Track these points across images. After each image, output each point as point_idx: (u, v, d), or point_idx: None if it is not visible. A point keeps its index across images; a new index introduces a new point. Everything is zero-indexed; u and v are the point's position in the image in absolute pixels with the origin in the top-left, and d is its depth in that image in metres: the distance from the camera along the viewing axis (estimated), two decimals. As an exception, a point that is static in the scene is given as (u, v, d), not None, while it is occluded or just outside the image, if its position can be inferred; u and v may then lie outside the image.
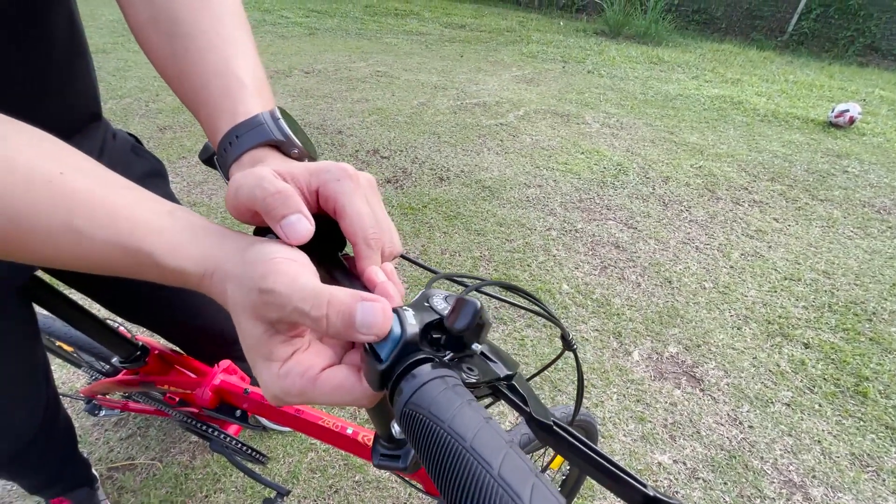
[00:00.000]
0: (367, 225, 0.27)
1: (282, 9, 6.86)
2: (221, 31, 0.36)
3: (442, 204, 2.31)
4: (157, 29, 0.36)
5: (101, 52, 4.03)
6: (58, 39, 0.45)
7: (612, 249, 2.03)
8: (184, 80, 0.36)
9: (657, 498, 0.19)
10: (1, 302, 0.53)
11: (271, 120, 0.33)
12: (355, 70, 4.31)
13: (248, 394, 0.62)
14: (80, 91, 0.51)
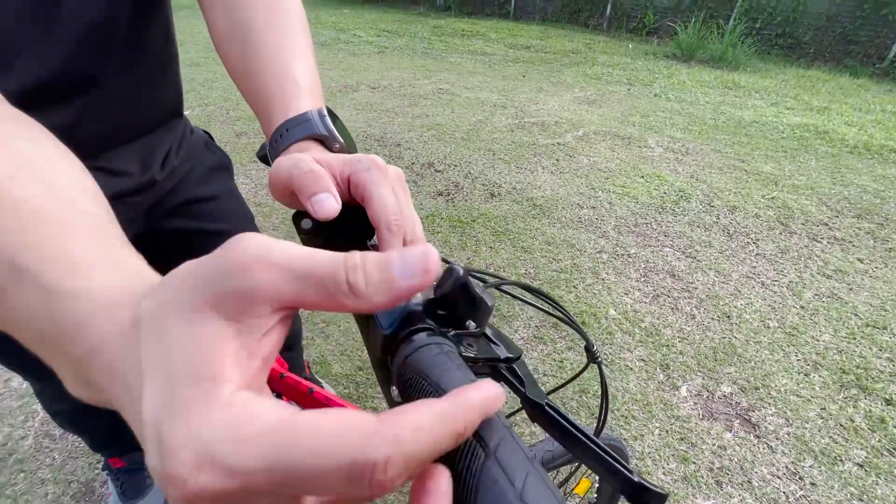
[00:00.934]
0: (391, 211, 0.29)
1: (355, 28, 7.29)
2: (285, 40, 0.41)
3: (491, 219, 2.31)
4: (232, 37, 0.41)
5: (194, 66, 4.48)
6: (154, 49, 0.52)
7: (666, 277, 1.93)
8: (249, 81, 0.40)
9: (642, 484, 0.19)
10: None
11: (318, 117, 0.36)
12: (418, 87, 4.47)
13: (283, 378, 0.65)
14: (167, 92, 0.58)
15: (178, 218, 0.63)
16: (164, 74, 0.56)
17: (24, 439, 1.17)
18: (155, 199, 0.60)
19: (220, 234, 0.68)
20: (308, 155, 0.31)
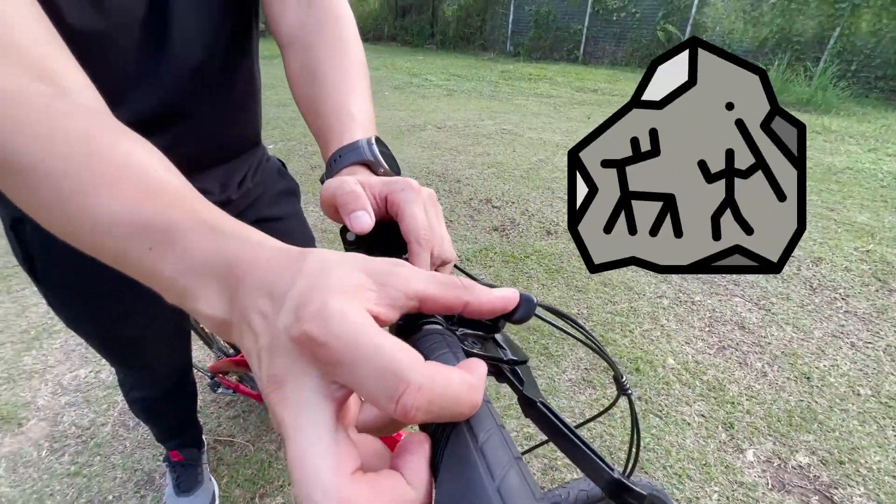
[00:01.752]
0: (420, 226, 0.32)
1: (427, 73, 7.76)
2: (345, 80, 0.47)
3: (545, 256, 2.29)
4: (303, 76, 0.48)
5: (281, 106, 4.99)
6: (238, 89, 0.61)
7: (734, 329, 1.78)
8: (314, 114, 0.47)
9: (620, 482, 0.19)
10: None
11: (367, 145, 0.41)
12: (482, 127, 4.63)
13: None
14: (248, 124, 0.67)
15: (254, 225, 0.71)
16: (245, 109, 0.65)
17: (104, 426, 1.31)
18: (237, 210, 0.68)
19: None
20: (353, 178, 0.35)
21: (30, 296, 1.85)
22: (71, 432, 1.28)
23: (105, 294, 0.62)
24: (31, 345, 1.59)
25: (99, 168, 0.24)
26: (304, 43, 0.47)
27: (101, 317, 0.66)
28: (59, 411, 1.35)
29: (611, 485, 0.20)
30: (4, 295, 1.85)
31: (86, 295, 0.62)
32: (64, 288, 0.62)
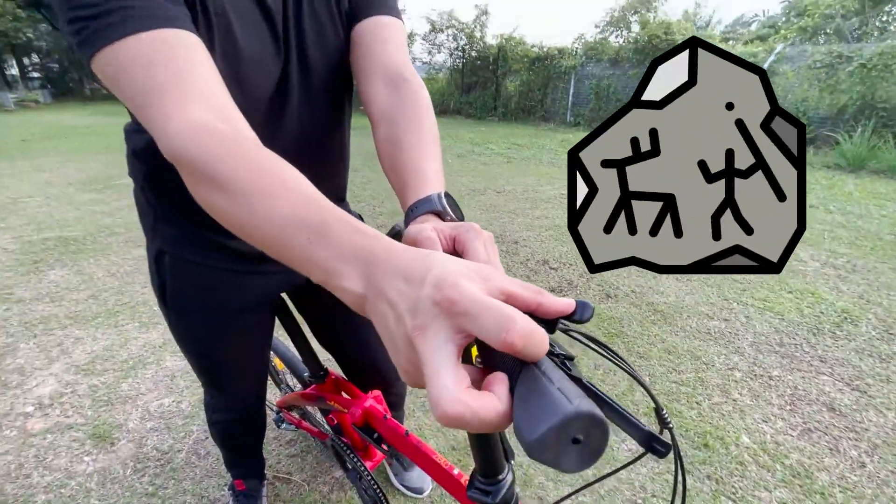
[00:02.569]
0: (481, 260, 0.40)
1: (488, 142, 8.20)
2: (422, 148, 0.57)
3: (605, 320, 2.24)
4: (389, 145, 0.59)
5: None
6: (332, 155, 0.75)
7: (822, 410, 1.60)
8: (396, 174, 0.57)
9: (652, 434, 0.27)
10: (262, 308, 0.82)
11: (437, 198, 0.50)
12: (541, 192, 4.75)
13: (386, 419, 0.75)
14: (339, 182, 0.81)
15: None
16: (337, 170, 0.79)
17: (180, 452, 1.42)
18: None
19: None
20: (429, 224, 0.44)
21: (131, 331, 2.11)
22: (152, 455, 1.41)
23: (214, 323, 0.75)
24: (128, 373, 1.80)
25: (275, 183, 0.35)
26: (390, 119, 0.58)
27: (207, 341, 0.78)
28: (145, 435, 1.49)
29: (644, 438, 0.27)
30: (112, 329, 2.13)
31: (199, 321, 0.75)
32: (184, 313, 0.75)
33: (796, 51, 8.57)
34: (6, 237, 3.35)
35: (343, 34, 0.63)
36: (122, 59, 0.40)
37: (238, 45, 0.54)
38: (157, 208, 0.70)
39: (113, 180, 5.18)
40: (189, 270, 0.72)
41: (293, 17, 0.58)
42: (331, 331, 0.92)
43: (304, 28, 0.59)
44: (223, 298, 0.75)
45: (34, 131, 9.81)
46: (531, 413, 0.23)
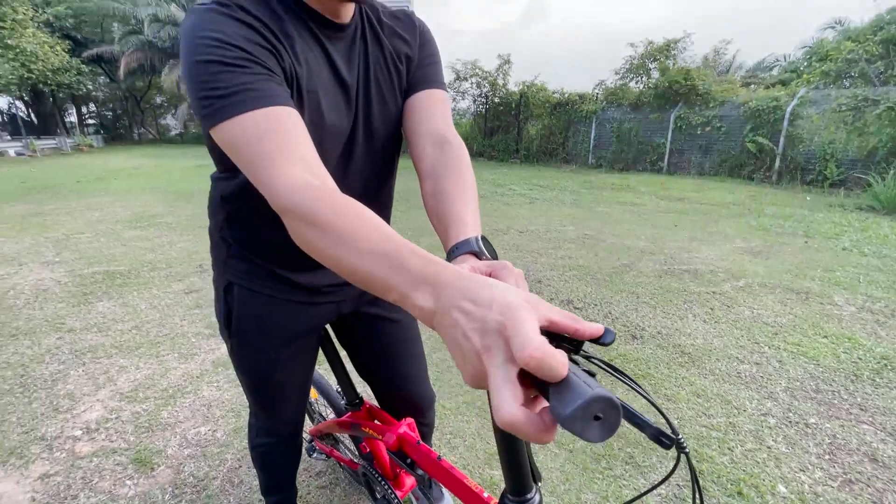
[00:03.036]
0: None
1: (511, 183, 8.38)
2: (463, 199, 0.66)
3: (630, 361, 2.23)
4: (434, 196, 0.68)
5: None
6: (384, 196, 0.85)
7: (863, 461, 1.53)
8: (440, 221, 0.66)
9: (660, 430, 0.33)
10: (311, 335, 0.90)
11: (475, 241, 0.58)
12: (564, 232, 4.80)
13: (419, 444, 0.80)
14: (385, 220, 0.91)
15: (373, 306, 0.92)
16: (386, 209, 0.89)
17: (215, 479, 1.47)
18: (359, 290, 0.88)
19: (394, 322, 0.94)
20: (467, 264, 0.51)
21: (171, 361, 2.22)
22: (189, 482, 1.46)
23: (271, 347, 0.84)
24: (168, 401, 1.89)
25: (360, 222, 0.44)
26: (435, 175, 0.68)
27: (264, 363, 0.86)
28: (182, 461, 1.55)
29: (653, 433, 0.33)
30: (154, 359, 2.24)
31: (259, 345, 0.85)
32: (246, 337, 0.84)
33: (820, 94, 8.60)
34: (60, 271, 3.60)
35: (400, 104, 0.75)
36: (239, 131, 0.52)
37: (323, 116, 0.66)
38: (232, 245, 0.80)
39: (156, 218, 5.52)
40: (254, 300, 0.81)
41: (363, 92, 0.71)
42: (369, 359, 0.99)
43: (371, 101, 0.71)
44: (281, 325, 0.84)
45: (87, 173, 10.60)
46: (563, 397, 0.30)
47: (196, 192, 7.40)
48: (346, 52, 0.68)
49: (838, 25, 14.25)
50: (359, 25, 0.70)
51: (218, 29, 0.53)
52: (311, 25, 0.64)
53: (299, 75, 0.61)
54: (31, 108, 24.99)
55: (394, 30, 0.74)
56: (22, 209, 6.16)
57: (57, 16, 19.81)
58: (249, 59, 0.53)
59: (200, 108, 0.53)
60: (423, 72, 0.75)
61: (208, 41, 0.53)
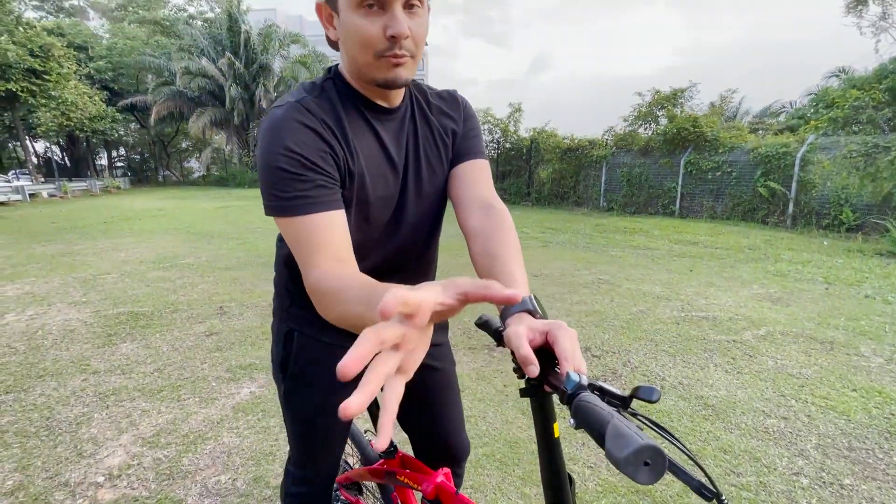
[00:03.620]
0: (567, 352, 0.52)
1: (523, 226, 8.48)
2: (511, 259, 0.72)
3: (652, 413, 2.18)
4: (484, 256, 0.74)
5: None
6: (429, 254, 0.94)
7: (906, 528, 1.46)
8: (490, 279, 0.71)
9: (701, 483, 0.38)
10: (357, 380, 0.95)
11: (529, 300, 0.64)
12: (578, 276, 4.81)
13: (458, 495, 0.81)
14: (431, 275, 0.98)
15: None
16: (430, 268, 0.96)
17: (235, 532, 1.46)
18: None
19: (437, 369, 1.00)
20: (524, 326, 0.57)
21: (192, 405, 2.24)
22: (209, 534, 1.45)
23: (321, 390, 0.90)
24: (189, 447, 1.90)
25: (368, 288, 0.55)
26: (484, 236, 0.75)
27: (312, 406, 0.91)
28: (202, 512, 1.54)
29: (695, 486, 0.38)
30: (175, 403, 2.27)
31: (310, 388, 0.91)
32: (299, 380, 0.91)
33: (829, 141, 8.71)
34: (87, 311, 3.70)
35: (446, 171, 0.85)
36: (292, 229, 0.67)
37: (368, 193, 0.76)
38: (295, 296, 0.88)
39: (178, 259, 5.69)
40: (311, 345, 0.89)
41: (413, 164, 0.80)
42: (411, 405, 1.02)
43: (421, 171, 0.81)
44: (332, 369, 0.88)
45: (114, 213, 11.04)
46: (618, 443, 0.36)
47: (216, 234, 7.64)
48: (396, 132, 0.79)
49: (842, 73, 14.60)
50: (409, 107, 0.80)
51: (287, 137, 0.65)
52: (365, 112, 0.75)
53: (350, 163, 0.72)
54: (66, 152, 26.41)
55: (441, 109, 0.84)
56: (52, 249, 6.41)
57: (98, 69, 21.34)
58: (308, 166, 0.66)
59: (266, 199, 0.68)
60: (467, 144, 0.85)
61: (279, 149, 0.65)
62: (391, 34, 0.64)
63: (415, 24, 0.67)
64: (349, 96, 0.74)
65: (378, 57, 0.66)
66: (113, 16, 27.74)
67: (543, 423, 0.61)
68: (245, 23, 21.12)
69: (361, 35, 0.65)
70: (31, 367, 2.65)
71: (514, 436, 2.00)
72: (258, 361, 2.73)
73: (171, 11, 27.60)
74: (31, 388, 2.40)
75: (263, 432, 2.01)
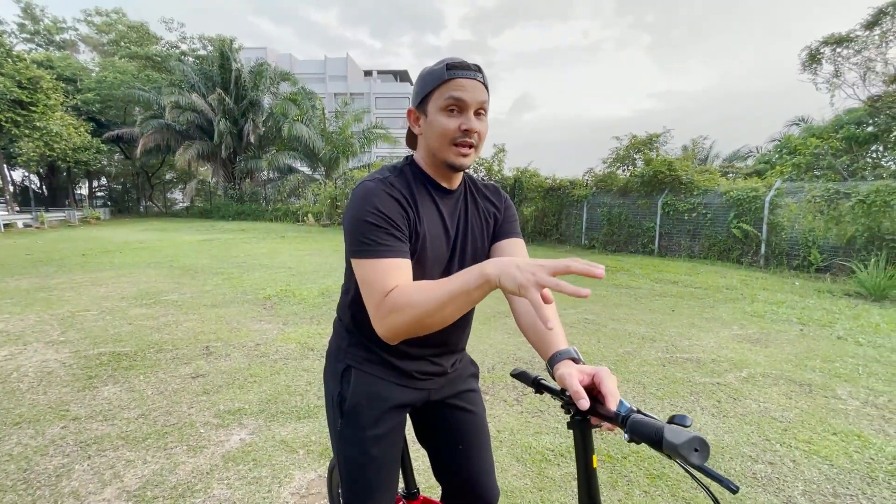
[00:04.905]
0: (611, 393, 0.65)
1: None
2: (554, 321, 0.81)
3: (644, 459, 2.21)
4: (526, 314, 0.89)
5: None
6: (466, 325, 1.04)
7: (892, 576, 1.50)
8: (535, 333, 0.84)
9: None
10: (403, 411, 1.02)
11: (574, 350, 0.77)
12: (564, 316, 4.89)
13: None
14: (465, 340, 1.07)
15: (456, 398, 1.09)
16: (466, 334, 1.08)
17: None
18: (445, 382, 1.07)
19: (472, 413, 1.09)
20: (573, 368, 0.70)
21: (180, 454, 2.18)
22: None
23: (373, 420, 0.96)
24: (177, 501, 1.83)
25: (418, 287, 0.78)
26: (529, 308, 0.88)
27: (366, 441, 0.95)
28: (193, 573, 1.49)
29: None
30: (161, 452, 2.20)
31: (363, 423, 0.96)
32: (354, 416, 0.96)
33: (794, 186, 9.24)
34: (65, 351, 3.59)
35: (487, 245, 1.04)
36: (370, 267, 0.82)
37: (427, 251, 0.93)
38: (355, 335, 1.01)
39: (161, 295, 5.58)
40: (366, 379, 0.99)
41: (462, 235, 0.99)
42: (446, 446, 1.08)
43: (467, 241, 1.00)
44: (385, 399, 0.99)
45: (93, 246, 10.79)
46: (677, 435, 0.51)
47: (200, 269, 7.53)
48: (452, 208, 0.99)
49: (802, 122, 15.67)
50: (463, 192, 1.01)
51: (376, 200, 0.85)
52: (431, 191, 0.96)
53: (418, 227, 0.91)
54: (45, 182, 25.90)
55: (486, 196, 1.05)
56: (26, 283, 6.22)
57: (85, 101, 21.33)
58: (389, 222, 0.84)
59: (352, 245, 0.84)
60: (506, 226, 1.05)
61: (369, 208, 0.84)
62: (465, 128, 0.87)
63: (481, 125, 0.89)
64: (421, 178, 0.95)
65: (452, 144, 0.88)
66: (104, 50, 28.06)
67: (584, 453, 0.71)
68: (237, 61, 21.62)
69: (444, 128, 0.87)
70: (7, 414, 2.54)
71: (509, 484, 2.00)
72: (247, 406, 2.68)
73: (164, 48, 28.07)
74: (6, 437, 2.29)
75: (255, 483, 1.96)
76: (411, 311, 0.74)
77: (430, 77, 0.89)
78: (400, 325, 0.76)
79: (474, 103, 0.87)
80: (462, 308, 0.72)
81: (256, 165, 21.62)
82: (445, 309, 0.72)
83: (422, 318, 0.74)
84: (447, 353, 1.06)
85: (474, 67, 0.88)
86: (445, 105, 0.87)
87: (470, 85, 0.87)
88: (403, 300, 0.76)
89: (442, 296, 0.72)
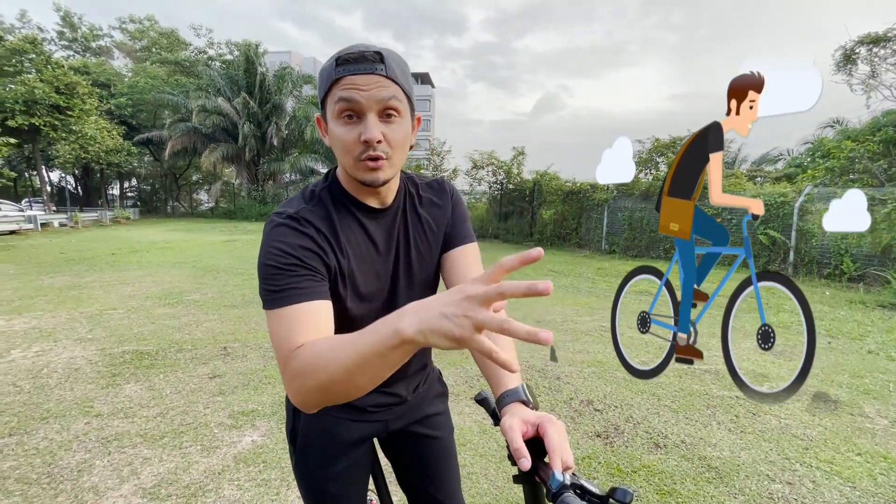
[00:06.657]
0: (555, 445, 0.59)
1: (525, 268, 8.53)
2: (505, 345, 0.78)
3: (655, 474, 2.16)
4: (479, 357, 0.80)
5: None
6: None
7: None
8: (485, 367, 0.78)
9: None
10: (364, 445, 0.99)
11: (522, 390, 0.71)
12: (580, 323, 4.83)
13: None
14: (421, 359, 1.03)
15: (419, 425, 1.03)
16: (426, 352, 1.02)
17: None
18: (405, 410, 0.99)
19: (436, 438, 1.04)
20: (519, 420, 0.63)
21: (194, 454, 2.24)
22: None
23: (330, 458, 0.94)
24: (189, 500, 1.89)
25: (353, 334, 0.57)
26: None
27: (323, 474, 0.95)
28: (201, 572, 1.53)
29: None
30: (177, 451, 2.27)
31: (319, 457, 0.95)
32: (309, 452, 0.95)
33: (827, 191, 8.88)
34: (91, 349, 3.73)
35: (437, 257, 0.91)
36: (277, 318, 0.68)
37: (359, 287, 0.82)
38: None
39: (184, 295, 5.75)
40: (315, 416, 0.93)
41: (404, 255, 0.87)
42: (413, 472, 1.06)
43: (411, 260, 0.88)
44: (338, 436, 0.94)
45: (122, 245, 11.20)
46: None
47: (222, 269, 7.73)
48: (388, 229, 0.85)
49: (836, 125, 15.04)
50: (402, 205, 0.87)
51: (282, 240, 0.72)
52: (357, 214, 0.82)
53: (341, 264, 0.78)
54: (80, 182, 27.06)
55: (431, 200, 0.91)
56: (60, 281, 6.50)
57: (118, 105, 22.20)
58: (297, 263, 0.70)
59: (262, 293, 0.71)
60: (456, 230, 0.91)
61: (273, 250, 0.71)
62: (364, 139, 0.70)
63: (390, 129, 0.72)
64: (343, 201, 0.81)
65: (357, 160, 0.73)
66: (137, 56, 29.16)
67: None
68: (262, 65, 22.15)
69: (342, 141, 0.72)
70: (36, 408, 2.66)
71: (516, 496, 1.99)
72: (260, 407, 2.73)
73: (192, 53, 28.98)
74: (34, 431, 2.40)
75: (265, 485, 2.00)
76: (317, 376, 0.58)
77: (323, 76, 0.73)
78: (309, 393, 0.60)
79: (373, 104, 0.70)
80: (382, 373, 0.54)
81: (279, 168, 22.07)
82: (356, 378, 0.55)
83: (330, 386, 0.57)
84: (402, 379, 0.97)
85: (372, 57, 0.69)
86: (339, 111, 0.71)
87: (365, 81, 0.69)
88: (309, 362, 0.59)
89: (349, 359, 0.54)
